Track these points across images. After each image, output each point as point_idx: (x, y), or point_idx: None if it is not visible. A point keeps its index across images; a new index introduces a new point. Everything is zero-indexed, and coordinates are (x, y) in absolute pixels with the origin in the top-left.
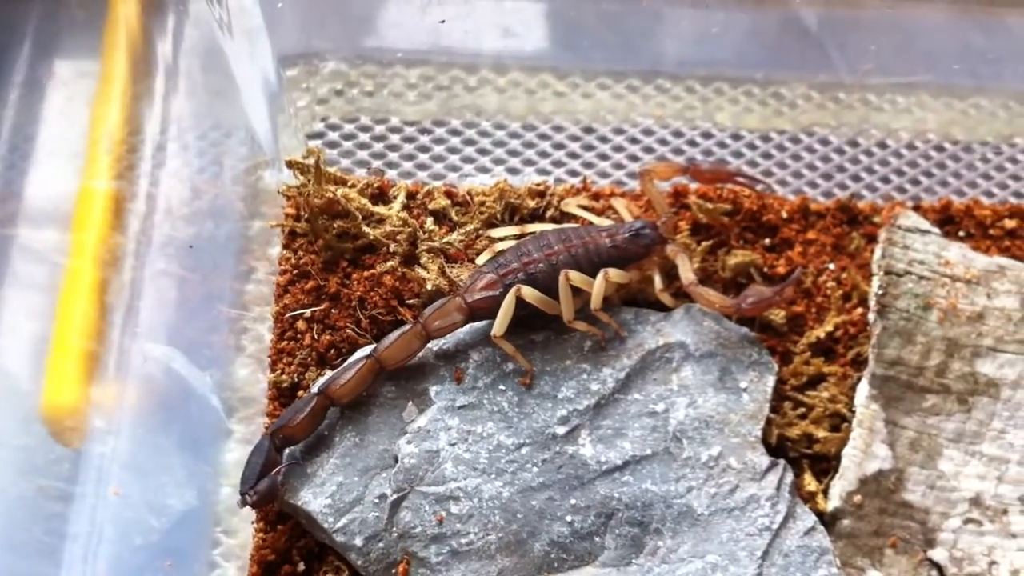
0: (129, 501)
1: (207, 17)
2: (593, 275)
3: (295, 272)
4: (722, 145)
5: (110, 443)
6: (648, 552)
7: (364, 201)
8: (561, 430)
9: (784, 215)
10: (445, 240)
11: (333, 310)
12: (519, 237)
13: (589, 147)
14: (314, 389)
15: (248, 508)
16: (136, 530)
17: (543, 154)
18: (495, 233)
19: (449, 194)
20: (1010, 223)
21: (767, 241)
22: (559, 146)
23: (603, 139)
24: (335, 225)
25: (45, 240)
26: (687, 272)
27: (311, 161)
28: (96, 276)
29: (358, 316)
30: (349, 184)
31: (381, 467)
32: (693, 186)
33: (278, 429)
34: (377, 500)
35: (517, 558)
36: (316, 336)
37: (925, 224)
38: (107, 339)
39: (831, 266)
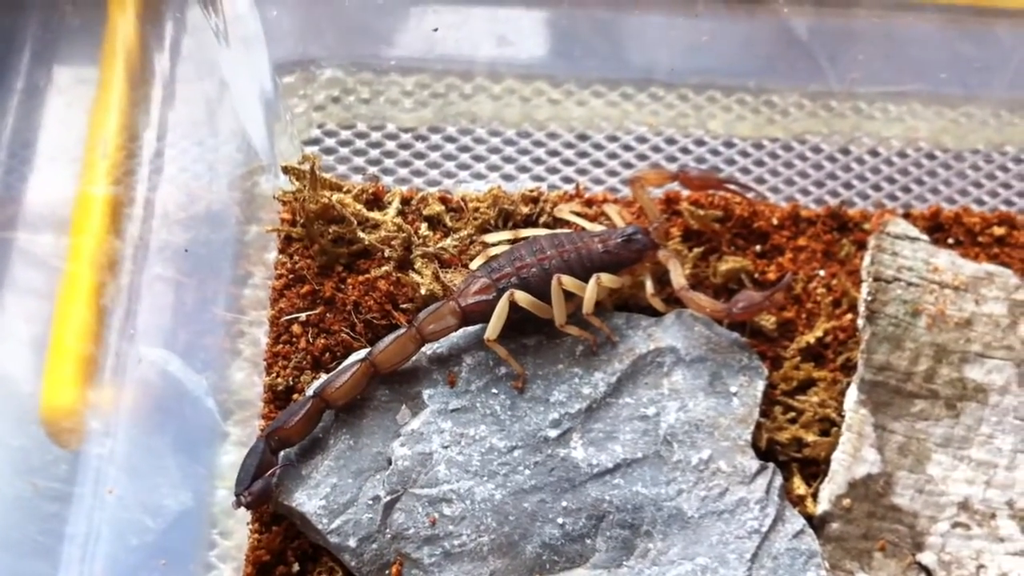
0: (125, 502)
1: (204, 25)
2: (585, 280)
3: (291, 276)
4: (715, 152)
5: (107, 445)
6: (638, 554)
7: (359, 207)
8: (553, 433)
9: (775, 222)
10: (439, 245)
11: (328, 314)
12: (513, 242)
13: (583, 154)
14: (309, 392)
15: (243, 510)
16: (132, 531)
17: (537, 161)
18: (489, 238)
19: (443, 200)
20: (999, 230)
21: (758, 247)
22: (553, 153)
23: (597, 146)
24: (330, 230)
25: (44, 244)
26: (678, 277)
27: (307, 167)
28: (94, 280)
29: (353, 320)
30: (345, 190)
31: (375, 469)
32: (685, 193)
33: (273, 431)
34: (371, 502)
35: (509, 560)
36: (311, 340)
37: (914, 231)
38: (104, 342)
39: (821, 272)
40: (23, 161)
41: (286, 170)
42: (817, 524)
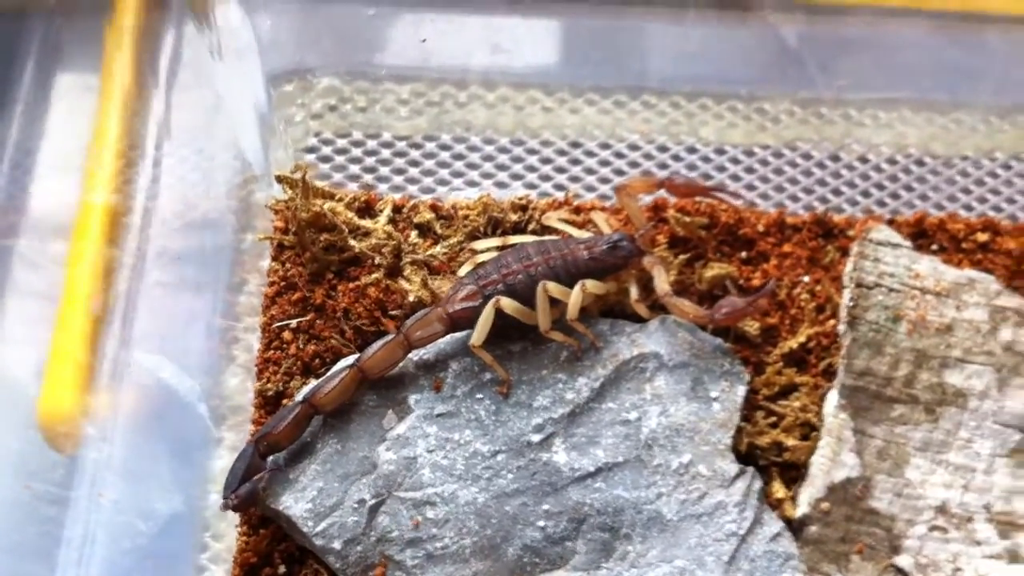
0: (120, 506)
1: (199, 37)
2: (571, 286)
3: (283, 284)
4: (706, 159)
5: (103, 450)
6: (618, 557)
7: (350, 215)
8: (536, 438)
9: (761, 228)
10: (429, 253)
11: (318, 321)
12: (501, 249)
13: (576, 161)
14: (298, 397)
15: (235, 513)
16: (126, 534)
17: (531, 168)
18: (478, 246)
19: (434, 208)
20: (982, 236)
21: (743, 254)
22: (546, 160)
23: (590, 153)
24: (322, 238)
25: (44, 251)
26: (662, 283)
27: (299, 176)
28: (92, 287)
29: (342, 327)
30: (336, 198)
31: (361, 473)
32: (672, 200)
33: (263, 436)
34: (356, 505)
35: (491, 562)
36: (301, 346)
37: (897, 238)
38: (102, 348)
39: (805, 279)
40: (26, 169)
41: (279, 179)
42: (796, 527)
